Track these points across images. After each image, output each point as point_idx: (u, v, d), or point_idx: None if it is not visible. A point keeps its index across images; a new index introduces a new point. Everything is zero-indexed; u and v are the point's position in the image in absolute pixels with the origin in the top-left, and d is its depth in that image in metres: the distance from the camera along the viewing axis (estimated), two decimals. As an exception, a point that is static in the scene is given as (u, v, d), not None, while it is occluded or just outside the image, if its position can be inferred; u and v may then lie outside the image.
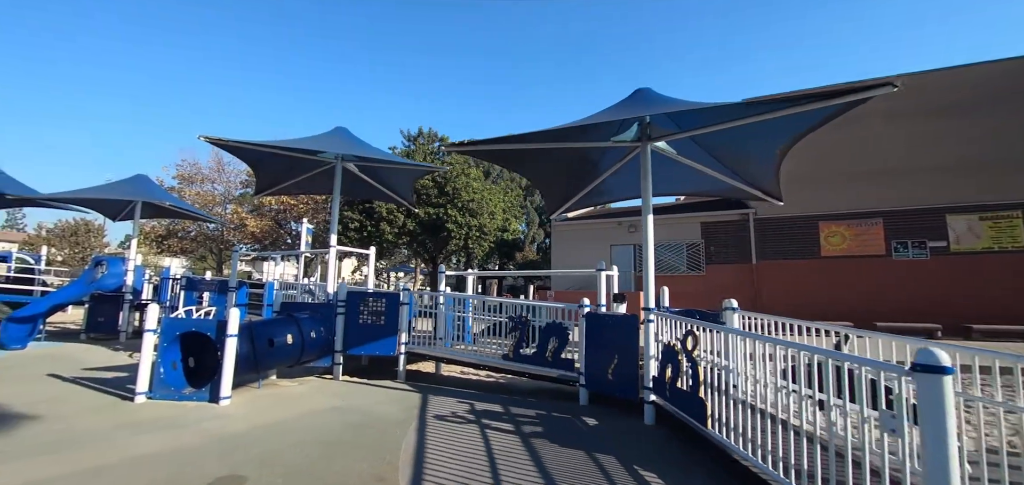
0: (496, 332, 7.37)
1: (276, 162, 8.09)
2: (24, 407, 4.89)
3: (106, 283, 10.96)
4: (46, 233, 30.26)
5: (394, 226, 18.13)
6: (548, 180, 6.37)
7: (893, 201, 14.53)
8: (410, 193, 9.73)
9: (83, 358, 8.15)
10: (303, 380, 6.79)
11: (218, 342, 5.44)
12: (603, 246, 18.31)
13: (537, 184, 6.26)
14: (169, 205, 11.78)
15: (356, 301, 7.16)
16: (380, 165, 8.21)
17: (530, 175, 6.04)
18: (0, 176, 12.97)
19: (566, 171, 6.25)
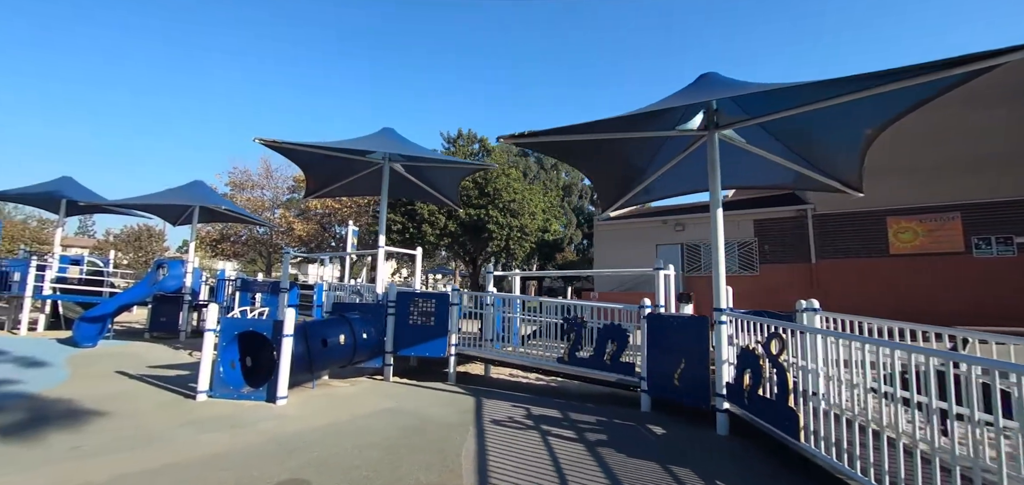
0: (547, 334, 7.12)
1: (326, 164, 8.15)
2: (96, 403, 5.02)
3: (167, 285, 11.43)
4: (113, 238, 32.38)
5: (436, 228, 18.18)
6: (603, 174, 6.07)
7: (974, 193, 13.30)
8: (456, 194, 9.62)
9: (147, 356, 8.47)
10: (354, 381, 6.75)
11: (274, 342, 5.44)
12: (648, 246, 17.73)
13: (592, 178, 5.96)
14: (224, 209, 12.18)
15: (406, 302, 7.07)
16: (427, 164, 8.14)
17: (585, 168, 5.75)
18: (73, 185, 13.83)
19: (623, 164, 5.93)
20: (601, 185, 6.23)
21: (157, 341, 10.85)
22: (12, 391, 5.47)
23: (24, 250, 14.88)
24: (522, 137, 4.32)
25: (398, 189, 9.36)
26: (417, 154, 7.82)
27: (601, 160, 5.70)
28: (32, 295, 11.26)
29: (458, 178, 8.97)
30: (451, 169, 8.56)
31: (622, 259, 17.78)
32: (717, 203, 5.29)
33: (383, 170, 8.23)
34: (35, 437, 3.97)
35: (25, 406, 4.88)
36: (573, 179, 47.46)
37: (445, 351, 7.00)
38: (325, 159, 7.87)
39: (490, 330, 7.65)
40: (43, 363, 7.27)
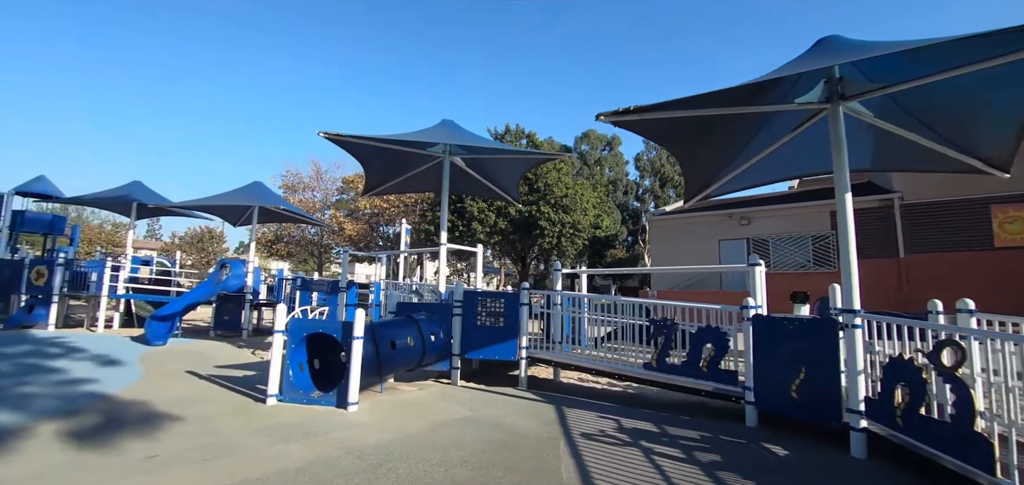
0: (624, 336, 6.50)
1: (385, 159, 7.87)
2: (168, 406, 4.87)
3: (230, 284, 11.59)
4: (178, 240, 34.25)
5: (485, 225, 17.85)
6: (697, 159, 5.41)
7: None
8: (516, 188, 9.15)
9: (213, 355, 8.48)
10: (421, 385, 6.39)
11: (343, 344, 5.14)
12: (710, 242, 16.69)
13: (684, 163, 5.32)
14: (282, 209, 12.25)
15: (474, 302, 6.66)
16: (489, 156, 7.70)
17: (680, 151, 5.12)
18: (143, 189, 14.38)
19: (720, 146, 5.25)
20: (693, 171, 5.57)
21: (221, 339, 11.01)
22: (89, 391, 5.42)
23: (100, 251, 15.71)
24: (626, 113, 3.76)
25: (457, 184, 9.00)
26: (479, 144, 7.39)
27: (699, 141, 5.05)
28: (108, 294, 11.71)
29: (520, 171, 8.50)
30: (513, 161, 8.07)
31: (680, 256, 16.83)
32: (845, 186, 4.53)
33: (443, 164, 7.87)
34: (111, 443, 3.78)
35: (101, 408, 4.78)
36: (617, 174, 46.29)
37: (515, 354, 6.54)
38: (384, 153, 7.59)
39: (559, 331, 7.13)
40: (118, 361, 7.35)
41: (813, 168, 6.35)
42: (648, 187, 46.39)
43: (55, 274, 11.27)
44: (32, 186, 15.21)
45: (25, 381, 5.79)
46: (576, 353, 6.92)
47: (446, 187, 7.85)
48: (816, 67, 4.06)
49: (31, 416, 4.39)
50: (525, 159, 7.99)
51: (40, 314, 11.24)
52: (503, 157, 7.75)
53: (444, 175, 7.85)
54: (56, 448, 3.64)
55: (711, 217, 16.93)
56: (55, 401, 4.93)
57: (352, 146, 6.77)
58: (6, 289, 11.94)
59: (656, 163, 46.70)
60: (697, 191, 6.10)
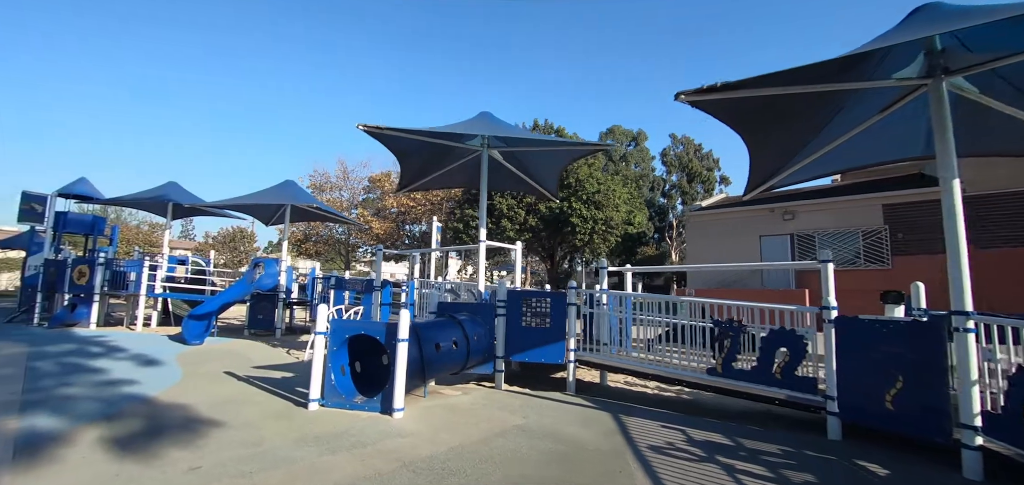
0: (676, 338, 6.05)
1: (421, 153, 7.60)
2: (209, 410, 4.68)
3: (263, 283, 11.56)
4: (211, 240, 35.06)
5: (515, 222, 17.49)
6: (770, 143, 4.92)
7: None
8: (555, 183, 8.78)
9: (249, 354, 8.38)
10: (464, 388, 6.09)
11: (387, 346, 4.86)
12: (750, 238, 15.95)
13: (754, 149, 4.84)
14: (314, 208, 12.17)
15: (518, 302, 6.32)
16: (529, 149, 7.33)
17: (753, 135, 4.65)
18: (178, 189, 14.54)
19: (799, 129, 4.76)
20: (762, 159, 5.08)
21: (256, 338, 10.98)
22: (130, 393, 5.30)
23: (138, 251, 16.03)
24: (710, 92, 3.34)
25: (494, 179, 8.66)
26: (519, 136, 7.04)
27: (775, 125, 4.58)
28: (146, 293, 11.83)
29: (561, 165, 8.11)
30: (554, 154, 7.67)
31: (717, 252, 16.15)
32: (953, 171, 4.00)
33: (481, 157, 7.55)
34: (153, 452, 3.58)
35: (142, 412, 4.62)
36: (644, 170, 45.34)
37: (563, 357, 6.17)
38: (421, 147, 7.32)
39: (605, 332, 6.74)
40: (157, 361, 7.29)
41: (887, 157, 5.80)
42: (675, 183, 45.31)
43: (96, 273, 11.44)
44: (73, 188, 15.58)
45: (67, 381, 5.72)
46: (626, 356, 6.52)
47: (485, 182, 7.53)
48: (916, 37, 3.57)
49: (72, 420, 4.25)
50: (568, 151, 7.55)
51: (82, 313, 11.42)
52: (544, 149, 7.35)
53: (482, 169, 7.53)
54: (97, 458, 3.45)
55: (751, 212, 16.18)
56: (96, 404, 4.80)
57: (389, 139, 6.52)
58: (50, 288, 12.20)
59: (683, 158, 45.62)
60: (762, 181, 5.60)
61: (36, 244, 14.63)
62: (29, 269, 14.25)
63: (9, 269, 32.34)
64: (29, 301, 12.78)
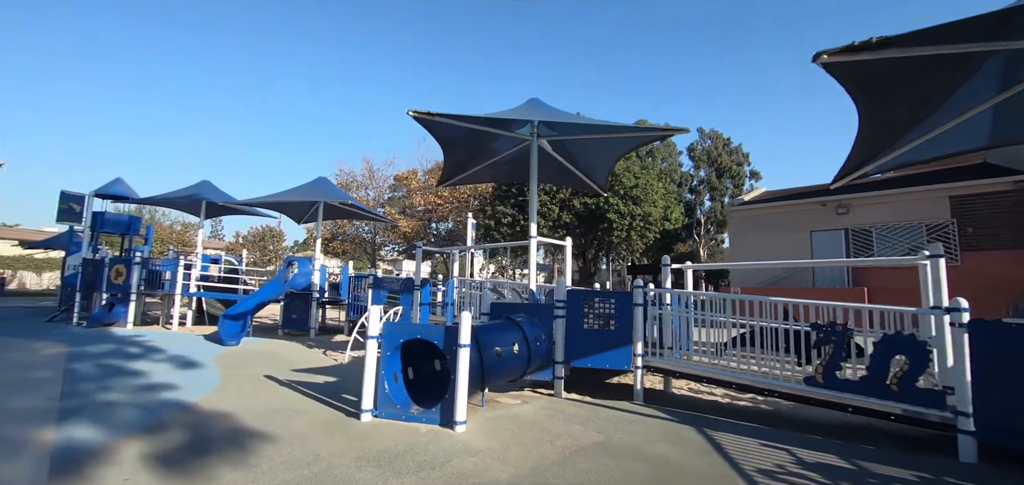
0: (752, 343, 5.42)
1: (468, 143, 7.13)
2: (256, 420, 4.29)
3: (297, 282, 11.31)
4: (241, 239, 35.53)
5: (548, 218, 16.91)
6: (885, 121, 4.27)
7: None
8: (605, 176, 8.22)
9: (286, 356, 8.07)
10: (522, 397, 5.59)
11: (447, 352, 4.40)
12: (800, 234, 15.06)
13: (868, 126, 4.19)
14: (348, 205, 11.86)
15: (579, 302, 5.79)
16: (584, 137, 6.77)
17: (873, 108, 4.00)
18: (211, 188, 14.46)
19: (924, 102, 4.09)
20: (871, 136, 4.42)
21: (290, 338, 10.73)
22: (171, 399, 4.97)
23: (172, 250, 16.12)
24: (863, 49, 2.75)
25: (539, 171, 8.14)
26: (574, 122, 6.50)
27: (902, 96, 3.93)
28: (181, 293, 11.72)
29: (618, 154, 7.52)
30: (609, 143, 7.04)
31: (765, 249, 15.29)
32: None
33: (531, 147, 7.04)
34: (200, 471, 3.18)
35: (185, 421, 4.26)
36: (671, 164, 44.12)
37: (629, 362, 5.61)
38: (469, 136, 6.84)
39: (668, 335, 6.14)
40: (195, 363, 7.01)
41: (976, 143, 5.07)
42: (703, 178, 43.97)
43: (133, 273, 11.36)
44: (109, 188, 15.68)
45: (107, 385, 5.44)
46: (706, 363, 5.91)
47: (535, 173, 7.01)
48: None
49: (112, 431, 3.91)
50: (628, 139, 6.90)
51: (119, 312, 11.36)
52: (604, 137, 6.75)
53: (532, 160, 7.01)
54: (141, 480, 3.06)
55: (800, 207, 15.28)
56: (136, 411, 4.47)
57: (439, 126, 6.05)
58: (89, 287, 12.21)
59: (712, 153, 44.19)
60: (863, 163, 4.94)
61: (75, 244, 14.77)
62: (68, 268, 14.38)
63: (51, 268, 33.37)
64: (68, 300, 12.85)
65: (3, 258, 35.84)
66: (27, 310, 15.87)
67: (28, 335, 9.58)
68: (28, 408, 4.46)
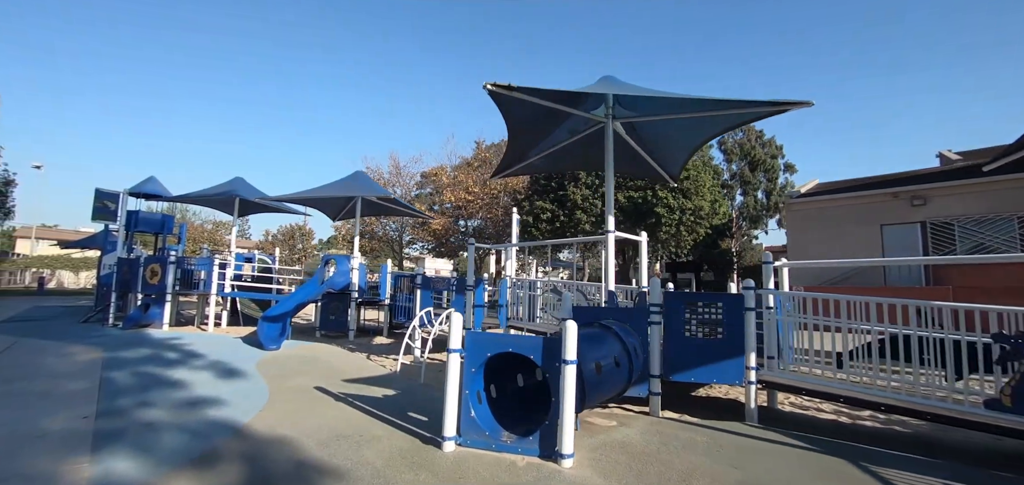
0: (894, 353, 4.50)
1: (535, 126, 6.34)
2: (320, 448, 3.61)
3: (336, 282, 10.74)
4: (271, 238, 35.62)
5: (590, 214, 16.01)
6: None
7: None
8: (683, 163, 7.39)
9: (331, 362, 7.45)
10: (615, 416, 4.79)
11: (546, 368, 3.63)
12: (868, 228, 13.88)
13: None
14: (387, 199, 11.24)
15: (680, 306, 4.97)
16: (681, 116, 5.88)
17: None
18: (244, 185, 14.03)
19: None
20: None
21: (328, 340, 10.15)
22: (218, 419, 4.33)
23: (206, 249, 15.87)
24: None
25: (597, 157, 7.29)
26: (657, 96, 5.66)
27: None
28: (217, 293, 11.29)
29: (700, 140, 6.63)
30: (701, 122, 6.02)
31: (828, 245, 14.14)
32: None
33: (606, 129, 6.23)
34: (269, 529, 2.47)
35: (240, 450, 3.60)
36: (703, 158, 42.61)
37: (742, 377, 4.76)
38: (535, 118, 6.04)
39: (773, 343, 5.26)
40: (238, 372, 6.43)
41: None
42: (735, 172, 42.32)
43: (168, 272, 10.95)
44: (143, 187, 15.45)
45: (146, 400, 4.85)
46: (825, 377, 5.02)
47: (610, 158, 6.19)
48: None
49: (158, 463, 3.26)
50: (729, 116, 5.83)
51: (155, 313, 10.97)
52: (698, 115, 5.80)
53: (607, 142, 6.20)
54: (197, 541, 2.37)
55: (869, 199, 14.07)
56: (183, 436, 3.83)
57: (511, 104, 5.28)
58: (124, 287, 11.88)
59: (745, 145, 42.50)
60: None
61: (110, 243, 14.56)
62: (104, 268, 14.18)
63: (88, 267, 33.98)
64: (104, 300, 12.58)
65: (43, 258, 36.72)
66: (64, 309, 15.79)
67: (63, 337, 9.21)
68: (60, 430, 3.87)
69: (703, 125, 6.26)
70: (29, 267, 34.40)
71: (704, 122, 6.11)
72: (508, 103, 5.09)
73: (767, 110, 5.02)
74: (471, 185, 23.52)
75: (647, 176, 7.76)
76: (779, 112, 4.95)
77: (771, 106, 4.90)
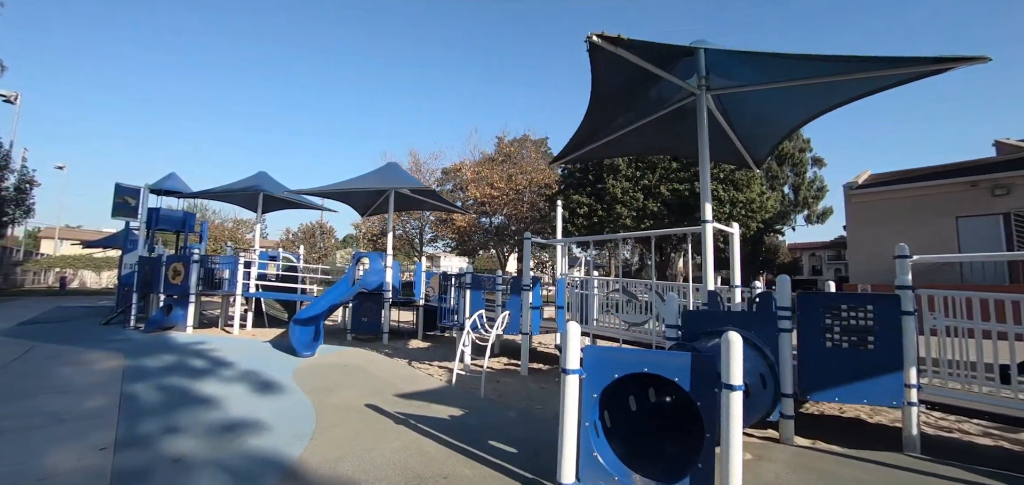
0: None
1: (616, 97, 5.42)
2: (398, 499, 2.77)
3: (368, 281, 9.98)
4: (290, 236, 35.19)
5: (631, 208, 15.00)
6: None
7: None
8: (772, 146, 6.46)
9: (374, 370, 6.65)
10: (745, 446, 3.88)
11: (696, 394, 2.75)
12: (942, 220, 12.68)
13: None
14: (423, 192, 10.43)
15: (817, 310, 4.04)
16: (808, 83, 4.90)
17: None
18: (268, 179, 13.36)
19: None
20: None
21: (361, 343, 9.38)
22: (262, 450, 3.53)
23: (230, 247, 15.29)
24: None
25: (684, 138, 6.36)
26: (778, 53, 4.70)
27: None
28: (242, 293, 10.62)
29: (811, 111, 5.59)
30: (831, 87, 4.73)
31: (895, 239, 12.96)
32: None
33: (698, 101, 5.32)
34: None
35: (295, 499, 2.77)
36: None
37: (900, 396, 3.82)
38: (620, 87, 5.13)
39: (911, 352, 4.28)
40: (274, 384, 5.65)
41: None
42: (764, 167, 40.94)
43: (192, 271, 10.29)
44: (163, 183, 14.91)
45: (174, 422, 4.08)
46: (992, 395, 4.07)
47: (705, 137, 5.26)
48: None
49: (194, 525, 2.45)
50: (865, 82, 4.69)
51: (178, 315, 10.33)
52: (835, 79, 4.71)
53: (700, 116, 5.28)
54: None
55: (941, 188, 12.88)
56: (222, 478, 3.03)
57: (611, 66, 4.35)
58: (145, 287, 11.28)
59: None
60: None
61: (131, 242, 14.02)
62: (124, 267, 13.62)
63: (110, 267, 33.95)
64: (125, 301, 12.00)
65: (65, 258, 36.87)
66: (85, 310, 15.32)
67: (83, 341, 8.58)
68: (71, 471, 3.09)
69: (818, 95, 5.28)
70: (52, 267, 34.53)
71: (822, 91, 5.14)
72: (606, 64, 4.20)
73: (927, 69, 4.04)
74: (497, 180, 22.67)
75: (728, 159, 6.80)
76: (943, 70, 3.97)
77: (934, 64, 3.93)
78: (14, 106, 24.19)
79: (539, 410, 4.87)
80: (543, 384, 6.22)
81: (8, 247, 30.38)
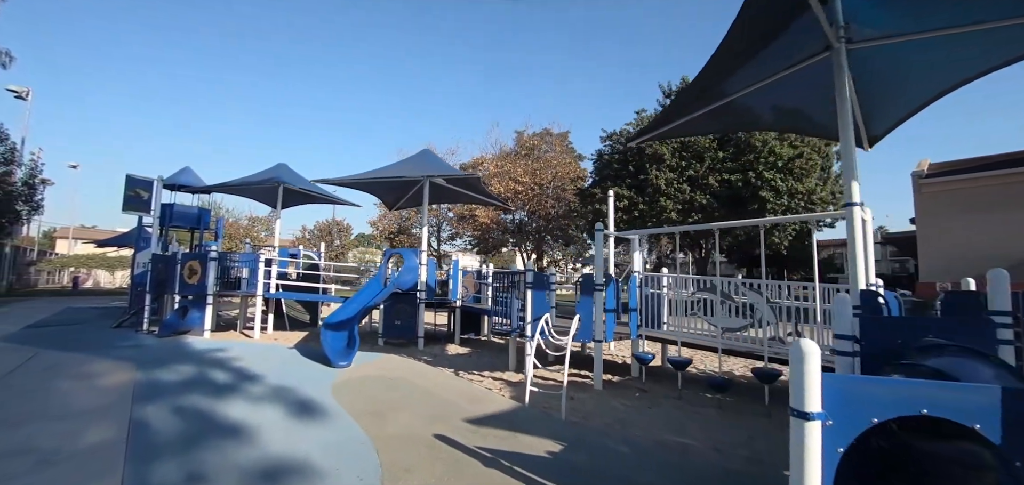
0: None
1: (742, 54, 4.39)
2: None
3: (403, 281, 9.04)
4: (307, 233, 34.50)
5: (677, 200, 13.87)
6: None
7: None
8: (896, 120, 5.40)
9: (422, 383, 5.69)
10: None
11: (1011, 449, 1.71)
12: (1020, 213, 11.45)
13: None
14: (463, 181, 9.46)
15: None
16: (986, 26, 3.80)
17: None
18: (288, 171, 12.48)
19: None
20: None
21: (394, 349, 8.44)
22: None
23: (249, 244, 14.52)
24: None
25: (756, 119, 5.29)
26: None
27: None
28: (263, 293, 9.73)
29: (968, 72, 4.49)
30: None
31: (972, 233, 11.77)
32: None
33: (836, 57, 4.26)
34: None
35: None
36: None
37: None
38: (748, 46, 4.10)
39: None
40: (313, 405, 4.70)
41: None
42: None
43: (209, 270, 9.41)
44: (177, 178, 14.10)
45: (197, 465, 3.13)
46: None
47: (846, 98, 4.21)
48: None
49: None
50: None
51: (195, 318, 9.45)
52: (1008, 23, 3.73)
53: (838, 79, 4.23)
54: None
55: None
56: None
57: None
58: (159, 287, 10.43)
59: (801, 131, 39.54)
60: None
61: (144, 239, 13.21)
62: (137, 266, 12.81)
63: (123, 266, 33.47)
64: (138, 302, 11.18)
65: (79, 257, 36.51)
66: (97, 311, 14.58)
67: (91, 348, 7.72)
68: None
69: (973, 54, 4.18)
70: (66, 267, 34.14)
71: (978, 50, 4.05)
72: None
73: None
74: (521, 174, 21.68)
75: (819, 135, 5.71)
76: None
77: None
78: (26, 102, 23.63)
79: (639, 436, 3.88)
80: (625, 400, 5.23)
81: (22, 247, 29.99)
